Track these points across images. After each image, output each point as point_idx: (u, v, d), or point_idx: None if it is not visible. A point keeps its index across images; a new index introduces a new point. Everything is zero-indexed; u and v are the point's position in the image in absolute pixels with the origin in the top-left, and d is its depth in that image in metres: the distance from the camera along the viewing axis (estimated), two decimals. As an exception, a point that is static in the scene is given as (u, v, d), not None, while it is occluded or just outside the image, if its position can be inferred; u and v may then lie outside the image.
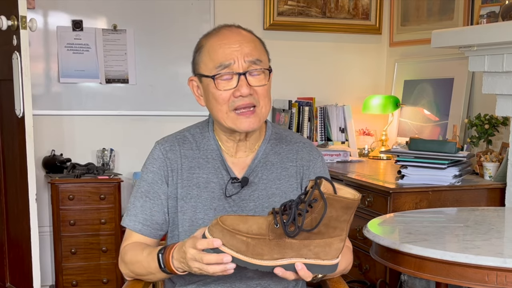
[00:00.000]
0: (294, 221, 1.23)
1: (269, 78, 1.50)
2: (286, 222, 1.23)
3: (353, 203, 1.24)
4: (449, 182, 2.61)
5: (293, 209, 1.23)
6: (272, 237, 1.24)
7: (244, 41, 1.48)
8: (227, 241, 1.24)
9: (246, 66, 1.46)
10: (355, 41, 4.04)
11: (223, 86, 1.47)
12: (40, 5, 3.47)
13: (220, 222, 1.25)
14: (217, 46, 1.48)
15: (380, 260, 1.84)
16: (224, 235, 1.24)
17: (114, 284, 3.37)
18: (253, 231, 1.24)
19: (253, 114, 1.48)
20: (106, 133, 3.65)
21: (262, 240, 1.24)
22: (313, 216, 1.23)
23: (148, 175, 1.57)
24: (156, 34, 3.67)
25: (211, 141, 1.58)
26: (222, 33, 1.51)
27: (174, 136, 1.61)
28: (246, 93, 1.45)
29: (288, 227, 1.23)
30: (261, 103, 1.49)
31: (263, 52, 1.53)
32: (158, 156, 1.57)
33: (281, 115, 3.79)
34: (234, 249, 1.24)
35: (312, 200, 1.22)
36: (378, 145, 3.73)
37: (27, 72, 2.73)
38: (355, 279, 2.80)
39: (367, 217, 2.52)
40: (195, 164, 1.56)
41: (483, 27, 2.70)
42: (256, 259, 1.25)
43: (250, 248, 1.24)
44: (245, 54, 1.46)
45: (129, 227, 1.57)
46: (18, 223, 3.01)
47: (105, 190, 3.33)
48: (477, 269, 1.60)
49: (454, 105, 3.35)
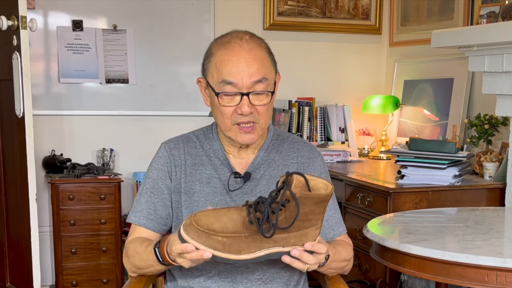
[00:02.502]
0: (269, 220, 1.24)
1: (271, 99, 1.53)
2: (260, 221, 1.23)
3: (326, 197, 1.25)
4: (449, 182, 2.61)
5: (266, 208, 1.23)
6: (248, 233, 1.25)
7: (252, 59, 1.50)
8: (203, 241, 1.25)
9: (250, 85, 1.49)
10: (355, 41, 4.04)
11: (226, 102, 1.51)
12: (40, 5, 3.47)
13: (194, 222, 1.25)
14: (225, 61, 1.50)
15: (380, 260, 1.84)
16: (200, 236, 1.25)
17: (114, 284, 3.37)
18: (228, 229, 1.24)
19: (253, 131, 1.54)
20: (106, 133, 3.65)
21: (238, 238, 1.25)
22: (287, 214, 1.24)
23: (153, 172, 1.63)
24: (156, 34, 3.67)
25: (214, 142, 1.63)
26: (232, 46, 1.51)
27: (179, 136, 1.68)
28: (247, 112, 1.50)
29: (262, 226, 1.24)
30: (261, 120, 1.54)
31: (270, 68, 1.54)
32: (163, 154, 1.63)
33: (281, 115, 3.79)
34: (211, 248, 1.25)
35: (284, 201, 1.23)
36: (378, 145, 3.73)
37: (27, 72, 2.73)
38: (355, 279, 2.80)
39: (367, 217, 2.52)
40: (199, 161, 1.61)
41: (483, 27, 2.70)
42: (234, 255, 1.25)
43: (226, 247, 1.25)
44: (251, 74, 1.49)
45: (134, 222, 1.62)
46: (18, 223, 3.01)
47: (105, 190, 3.33)
48: (477, 269, 1.60)
49: (454, 105, 3.35)
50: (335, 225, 1.64)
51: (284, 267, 1.57)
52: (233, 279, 1.54)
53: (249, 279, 1.54)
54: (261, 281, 1.54)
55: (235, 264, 1.30)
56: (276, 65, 1.58)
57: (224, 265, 1.51)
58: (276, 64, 1.59)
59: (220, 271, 1.54)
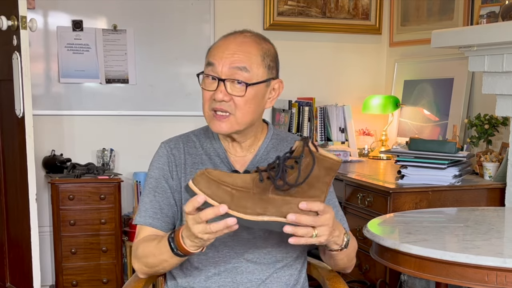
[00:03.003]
0: (282, 177, 1.26)
1: (245, 92, 1.49)
2: (275, 177, 1.27)
3: (336, 164, 1.30)
4: (449, 182, 2.61)
5: (281, 164, 1.27)
6: (256, 191, 1.27)
7: (239, 51, 1.49)
8: (213, 192, 1.26)
9: (229, 73, 1.48)
10: (355, 41, 4.04)
11: (206, 85, 1.52)
12: (40, 5, 3.47)
13: (206, 172, 1.27)
14: (215, 46, 1.53)
15: (380, 260, 1.84)
16: (210, 185, 1.26)
17: (114, 284, 3.37)
18: (238, 183, 1.27)
19: (226, 120, 1.50)
20: (106, 133, 3.65)
21: (246, 193, 1.26)
22: (300, 172, 1.27)
23: (155, 172, 1.62)
24: (156, 34, 3.67)
25: (214, 141, 1.62)
26: (229, 36, 1.54)
27: (178, 136, 1.67)
28: (219, 98, 1.48)
29: (277, 181, 1.26)
30: (238, 113, 1.50)
31: (259, 63, 1.51)
32: (163, 153, 1.63)
33: (281, 115, 3.79)
34: (218, 199, 1.26)
35: (299, 156, 1.27)
36: (378, 145, 3.73)
37: (27, 72, 2.73)
38: (355, 279, 2.80)
39: (367, 217, 2.52)
40: (198, 160, 1.61)
41: (483, 27, 2.70)
42: (239, 212, 1.26)
43: (234, 200, 1.26)
44: (232, 61, 1.48)
45: (140, 223, 1.60)
46: (18, 223, 3.01)
47: (105, 190, 3.33)
48: (477, 269, 1.60)
49: (454, 105, 3.35)
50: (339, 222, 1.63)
51: (284, 266, 1.57)
52: (233, 279, 1.54)
53: (249, 279, 1.54)
54: (261, 281, 1.55)
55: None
56: (273, 70, 1.55)
57: (224, 248, 1.51)
58: (273, 70, 1.55)
59: (220, 271, 1.54)
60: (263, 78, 1.52)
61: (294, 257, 1.59)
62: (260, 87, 1.52)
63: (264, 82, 1.53)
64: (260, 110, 1.56)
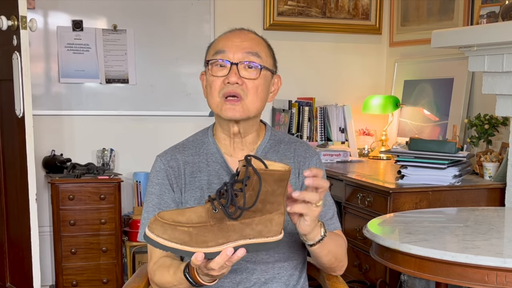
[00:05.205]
0: (233, 202, 1.25)
1: (260, 75, 1.52)
2: (225, 205, 1.25)
3: (285, 175, 1.27)
4: (449, 182, 2.61)
5: (229, 190, 1.25)
6: (213, 222, 1.25)
7: (247, 39, 1.54)
8: (169, 235, 1.24)
9: (241, 57, 1.51)
10: (355, 41, 4.04)
11: (216, 71, 1.52)
12: (40, 5, 3.47)
13: (158, 217, 1.26)
14: (222, 38, 1.56)
15: (380, 260, 1.84)
16: (166, 229, 1.24)
17: (114, 284, 3.37)
18: (193, 220, 1.25)
19: (238, 103, 1.51)
20: (106, 133, 3.65)
21: (203, 227, 1.25)
22: (249, 194, 1.25)
23: (155, 188, 1.60)
24: (156, 34, 3.67)
25: (211, 145, 1.61)
26: (231, 32, 1.58)
27: (173, 147, 1.65)
28: (233, 80, 1.49)
29: (228, 209, 1.25)
30: (249, 97, 1.52)
31: (267, 53, 1.57)
32: (161, 168, 1.60)
33: (281, 115, 3.79)
34: (177, 241, 1.24)
35: (246, 178, 1.25)
36: (378, 145, 3.73)
37: (27, 72, 2.73)
38: (355, 279, 2.80)
39: (367, 217, 2.52)
40: (196, 168, 1.59)
41: (483, 27, 2.70)
42: (201, 248, 1.25)
43: (193, 238, 1.24)
44: (244, 48, 1.52)
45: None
46: (18, 223, 3.01)
47: (105, 190, 3.33)
48: (477, 269, 1.60)
49: (454, 105, 3.35)
50: (329, 220, 1.62)
51: (284, 267, 1.57)
52: (232, 280, 1.54)
53: (249, 279, 1.54)
54: (261, 281, 1.54)
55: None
56: (275, 62, 1.60)
57: None
58: (275, 62, 1.60)
59: None
60: (271, 67, 1.57)
61: (294, 257, 1.59)
62: (269, 75, 1.57)
63: (272, 72, 1.57)
64: (265, 101, 1.58)
